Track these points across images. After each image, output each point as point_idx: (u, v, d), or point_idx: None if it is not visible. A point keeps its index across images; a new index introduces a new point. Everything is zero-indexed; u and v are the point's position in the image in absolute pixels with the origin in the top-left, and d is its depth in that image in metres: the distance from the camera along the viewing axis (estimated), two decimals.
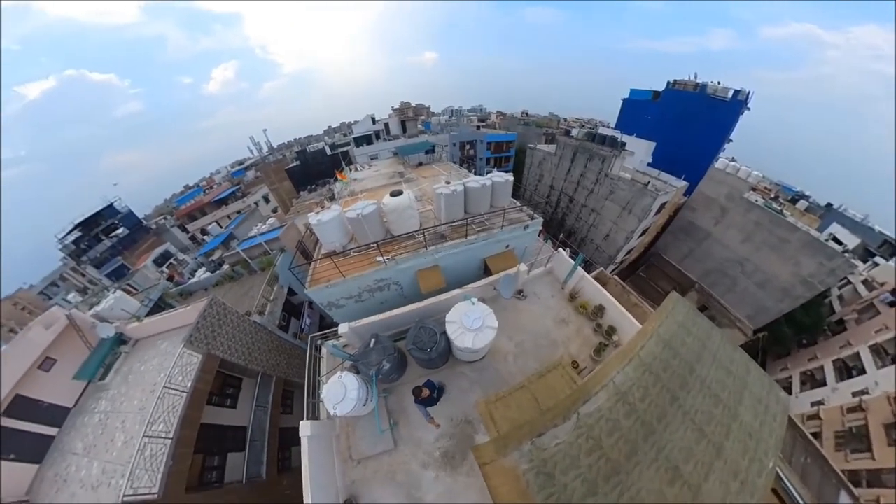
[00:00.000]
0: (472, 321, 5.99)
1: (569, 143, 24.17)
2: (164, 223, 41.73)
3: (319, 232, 8.51)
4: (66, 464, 10.02)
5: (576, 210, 25.20)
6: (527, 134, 43.17)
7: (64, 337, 11.38)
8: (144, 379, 11.01)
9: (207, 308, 10.80)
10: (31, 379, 10.46)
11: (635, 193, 19.56)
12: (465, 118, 54.20)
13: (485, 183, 9.28)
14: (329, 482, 5.63)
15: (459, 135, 38.01)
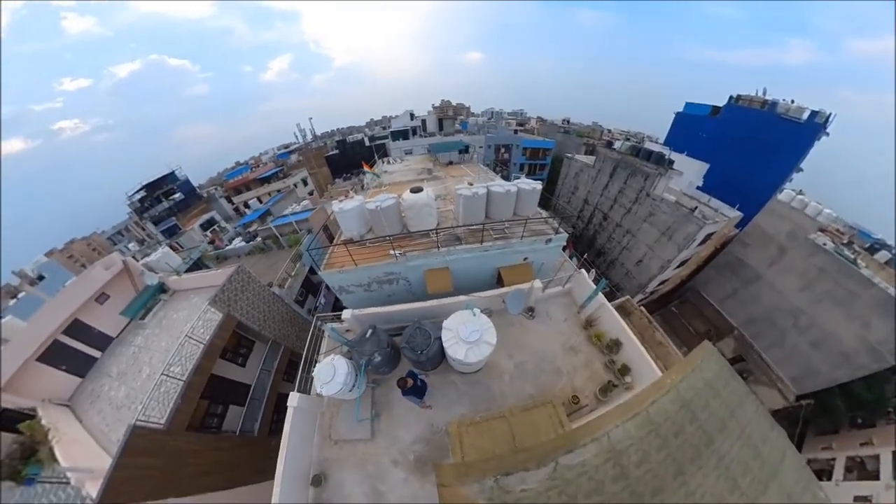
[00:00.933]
0: (470, 333, 5.65)
1: (609, 156, 22.41)
2: (213, 193, 46.25)
3: (340, 219, 8.59)
4: (102, 383, 11.55)
5: (609, 229, 23.39)
6: (566, 143, 41.24)
7: (118, 278, 13.02)
8: (174, 326, 12.15)
9: (234, 274, 11.47)
10: (88, 308, 12.20)
11: (678, 219, 17.61)
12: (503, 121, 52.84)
13: (509, 189, 8.75)
14: (305, 453, 5.83)
15: (495, 137, 37.14)
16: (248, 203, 40.33)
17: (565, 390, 6.34)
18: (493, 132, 39.02)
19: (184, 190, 44.08)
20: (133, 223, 47.17)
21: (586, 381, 6.58)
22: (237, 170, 55.08)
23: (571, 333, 7.46)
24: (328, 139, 68.68)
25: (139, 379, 10.80)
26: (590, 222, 25.48)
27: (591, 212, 25.21)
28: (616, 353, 6.81)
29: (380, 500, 5.38)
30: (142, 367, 11.23)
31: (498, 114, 60.77)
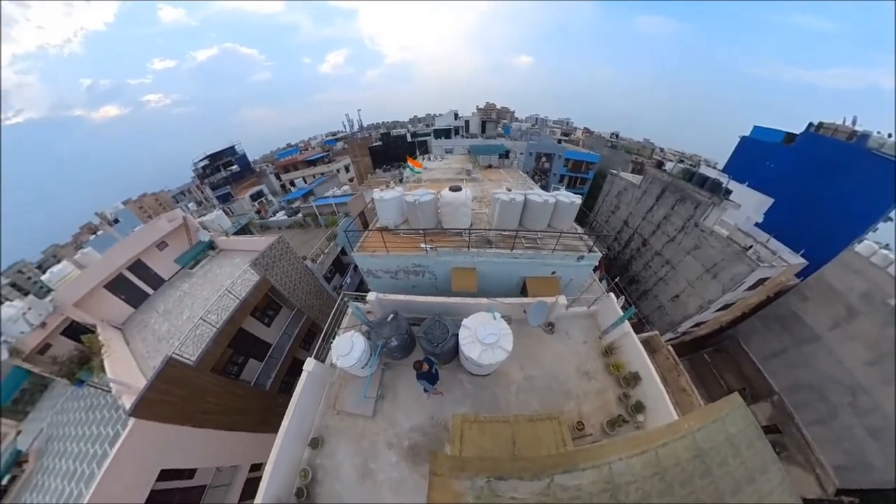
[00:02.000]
0: (487, 335, 5.72)
1: (658, 178, 20.78)
2: (265, 169, 50.93)
3: (379, 207, 8.99)
4: (149, 316, 13.39)
5: (646, 256, 21.92)
6: (612, 158, 39.03)
7: (177, 231, 14.97)
8: (216, 279, 13.56)
9: (274, 243, 12.49)
10: (150, 252, 14.25)
11: (728, 256, 15.91)
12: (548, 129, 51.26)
13: (547, 199, 8.63)
14: (309, 416, 6.25)
15: (538, 144, 36.15)
16: (293, 182, 43.45)
17: (571, 414, 6.18)
18: (535, 139, 37.98)
19: (240, 163, 49.44)
20: (195, 186, 54.18)
21: (595, 409, 6.35)
22: (288, 151, 59.59)
23: (589, 357, 7.22)
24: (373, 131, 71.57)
25: (180, 319, 12.19)
26: (627, 246, 24.13)
27: (629, 235, 23.87)
28: (632, 388, 6.49)
29: (368, 477, 5.61)
30: (184, 309, 12.69)
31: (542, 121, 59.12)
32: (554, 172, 36.04)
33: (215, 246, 15.64)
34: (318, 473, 5.76)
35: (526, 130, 44.84)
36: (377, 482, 5.57)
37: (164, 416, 8.32)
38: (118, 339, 12.14)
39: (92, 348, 11.56)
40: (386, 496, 5.44)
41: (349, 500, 5.45)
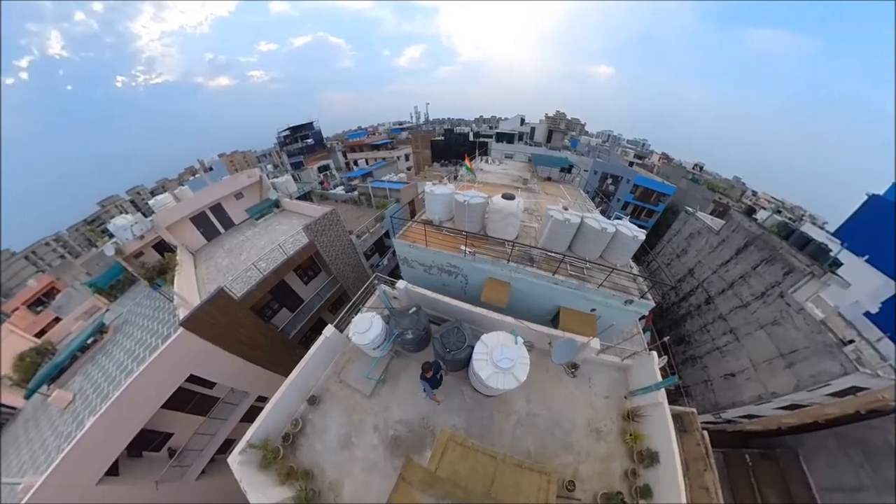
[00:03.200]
0: (502, 358, 5.40)
1: (745, 227, 17.41)
2: (334, 146, 55.77)
3: (428, 200, 9.06)
4: (216, 251, 15.59)
5: (707, 317, 18.85)
6: (690, 193, 34.51)
7: (253, 186, 17.37)
8: (273, 233, 15.16)
9: (328, 214, 13.59)
10: (228, 199, 16.70)
11: (815, 346, 12.54)
12: (619, 148, 47.18)
13: (606, 228, 7.84)
14: (313, 375, 6.63)
15: (605, 164, 33.18)
16: (356, 161, 46.74)
17: (565, 470, 5.53)
18: (603, 158, 35.18)
19: (315, 138, 56.20)
20: (275, 152, 62.23)
21: (594, 475, 5.58)
22: (357, 133, 64.65)
23: (605, 415, 6.41)
24: (437, 126, 73.58)
25: (238, 259, 13.89)
26: (685, 298, 21.20)
27: (692, 287, 20.94)
28: (645, 468, 5.52)
29: (347, 448, 5.81)
30: (243, 252, 14.47)
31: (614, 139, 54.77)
32: (618, 198, 32.74)
33: (279, 205, 17.63)
34: (307, 427, 6.10)
35: (595, 147, 41.90)
36: (353, 456, 5.74)
37: (204, 333, 9.57)
38: (189, 262, 14.21)
39: (169, 264, 13.76)
40: (356, 472, 5.57)
41: (325, 461, 5.70)
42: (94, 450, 8.50)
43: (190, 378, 10.18)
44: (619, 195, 32.82)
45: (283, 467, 5.51)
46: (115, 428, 8.80)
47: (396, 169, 35.15)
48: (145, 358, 9.82)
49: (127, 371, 10.46)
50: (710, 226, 20.88)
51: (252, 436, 5.53)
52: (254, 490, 4.91)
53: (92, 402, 10.45)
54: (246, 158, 64.12)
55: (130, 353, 11.34)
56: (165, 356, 9.11)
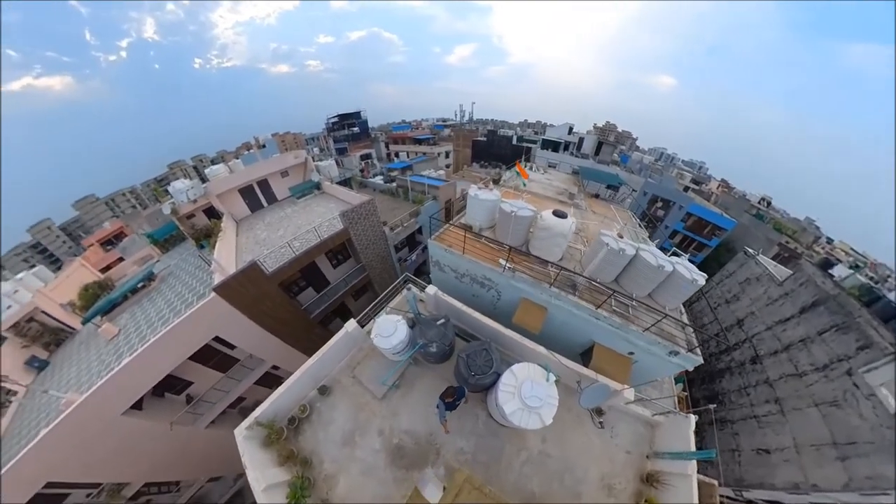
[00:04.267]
0: (531, 396, 4.83)
1: (816, 282, 14.69)
2: (378, 136, 57.71)
3: (471, 204, 8.56)
4: (258, 222, 16.33)
5: (749, 378, 16.15)
6: (751, 231, 30.08)
7: (298, 167, 18.07)
8: (311, 214, 15.42)
9: (366, 203, 13.61)
10: (274, 176, 17.57)
11: (882, 444, 9.85)
12: (674, 169, 42.55)
13: (663, 265, 6.90)
14: (328, 365, 6.49)
15: (657, 186, 29.47)
16: (398, 153, 47.27)
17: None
18: (656, 179, 31.45)
19: (361, 127, 58.03)
20: (322, 136, 65.99)
21: None
22: (401, 126, 66.49)
23: (622, 472, 5.64)
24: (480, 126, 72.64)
25: (275, 234, 14.31)
26: (727, 351, 18.77)
27: (738, 340, 18.45)
28: None
29: (349, 445, 5.62)
30: (281, 227, 14.89)
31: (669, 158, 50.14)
32: (666, 224, 29.01)
33: (320, 187, 18.14)
34: (313, 415, 6.00)
35: (647, 165, 37.87)
36: (353, 455, 5.53)
37: (233, 300, 9.94)
38: (232, 230, 14.97)
39: (215, 229, 14.70)
40: (353, 471, 5.36)
41: (325, 453, 5.56)
42: (127, 384, 9.16)
43: (215, 338, 10.65)
44: (668, 222, 29.08)
45: (284, 449, 5.43)
46: (147, 369, 9.41)
47: (436, 165, 34.94)
48: (181, 312, 10.52)
49: (164, 320, 11.20)
50: (772, 273, 18.02)
51: (261, 413, 5.53)
52: (253, 466, 4.88)
53: (132, 340, 11.28)
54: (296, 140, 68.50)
55: (170, 304, 12.15)
56: (197, 315, 9.56)
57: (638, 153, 45.20)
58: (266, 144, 53.72)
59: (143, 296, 13.84)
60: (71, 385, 10.88)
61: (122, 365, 8.93)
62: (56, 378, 12.27)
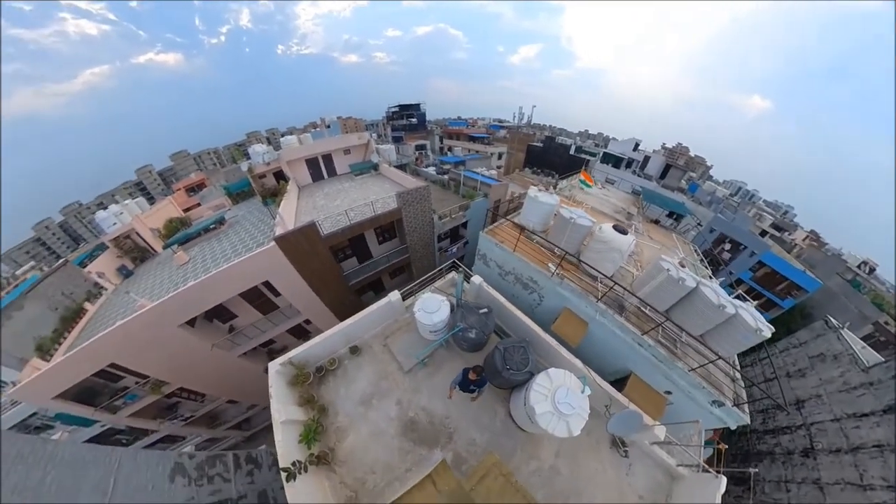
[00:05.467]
0: (564, 403, 4.54)
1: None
2: (434, 130, 58.67)
3: (528, 205, 8.36)
4: (316, 191, 17.59)
5: (796, 472, 13.22)
6: (840, 299, 24.08)
7: (360, 146, 19.24)
8: (366, 191, 16.17)
9: (421, 188, 14.01)
10: (338, 153, 18.83)
11: None
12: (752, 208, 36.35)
13: (725, 306, 6.09)
14: (364, 328, 6.68)
15: (728, 224, 24.75)
16: (451, 148, 47.51)
17: None
18: (727, 215, 26.86)
19: (419, 119, 59.59)
20: (382, 123, 69.10)
21: None
22: (457, 122, 66.78)
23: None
24: (538, 130, 70.57)
25: (332, 204, 15.21)
26: (774, 433, 16.09)
27: (792, 423, 15.75)
28: None
29: (364, 406, 5.71)
30: (337, 199, 15.83)
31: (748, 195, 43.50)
32: (731, 270, 24.23)
33: (377, 168, 19.11)
34: (339, 370, 6.19)
35: (719, 198, 31.97)
36: (367, 416, 5.60)
37: (288, 252, 10.77)
38: (294, 194, 16.28)
39: (281, 190, 16.28)
40: (363, 431, 5.42)
41: (341, 407, 5.71)
42: (187, 302, 10.36)
43: (265, 282, 11.61)
44: (735, 267, 24.22)
45: (306, 392, 5.69)
46: (205, 294, 10.54)
47: (488, 165, 34.46)
48: (242, 254, 11.65)
49: (227, 258, 12.53)
50: (857, 355, 14.70)
51: (295, 355, 5.85)
52: (277, 398, 5.18)
53: (198, 269, 12.75)
54: (357, 125, 72.98)
55: (233, 246, 13.55)
56: (255, 259, 10.52)
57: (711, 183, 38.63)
58: (331, 125, 57.38)
59: (212, 236, 15.66)
60: (145, 293, 12.57)
61: (187, 287, 10.15)
62: (136, 286, 14.31)
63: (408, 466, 5.06)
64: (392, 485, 4.86)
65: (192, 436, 16.09)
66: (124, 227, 16.64)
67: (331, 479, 4.88)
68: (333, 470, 4.98)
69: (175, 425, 14.71)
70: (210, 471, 5.50)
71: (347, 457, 5.14)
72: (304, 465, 4.59)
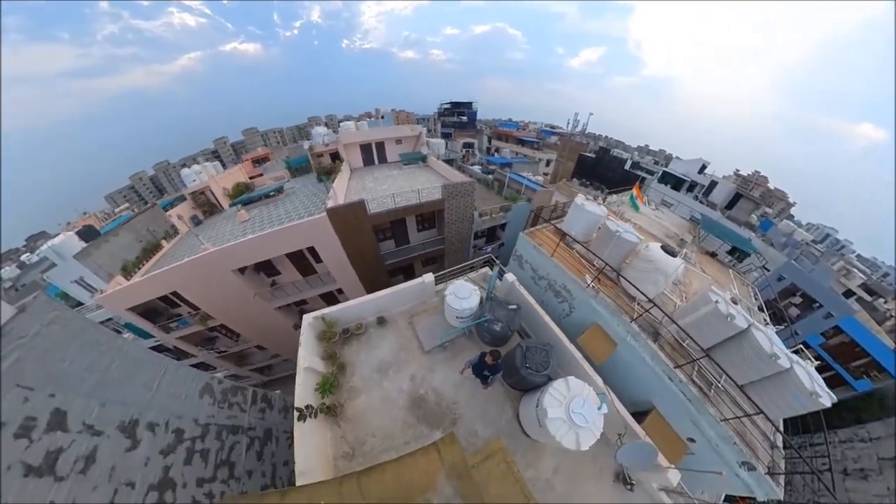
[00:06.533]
0: (578, 414, 4.36)
1: None
2: (482, 129, 58.35)
3: (573, 213, 8.08)
4: (366, 174, 18.63)
5: None
6: None
7: (412, 138, 20.20)
8: (412, 181, 16.73)
9: (467, 183, 14.15)
10: (390, 142, 19.95)
11: None
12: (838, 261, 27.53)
13: (778, 357, 5.32)
14: (393, 303, 6.97)
15: (801, 273, 19.20)
16: (498, 149, 46.69)
17: None
18: (804, 264, 21.53)
19: (469, 117, 60.05)
20: (432, 119, 70.26)
21: None
22: (507, 123, 65.12)
23: None
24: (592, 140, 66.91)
25: (379, 187, 15.99)
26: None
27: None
28: None
29: (379, 373, 5.93)
30: (384, 183, 16.59)
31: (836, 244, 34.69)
32: (797, 330, 18.60)
33: (426, 160, 19.63)
34: (364, 336, 6.53)
35: (797, 242, 25.28)
36: (381, 384, 5.82)
37: (336, 224, 11.63)
38: (346, 174, 17.52)
39: (336, 168, 17.66)
40: (374, 396, 5.65)
41: (359, 369, 6.01)
42: (243, 252, 11.65)
43: (310, 248, 12.62)
44: (802, 327, 18.87)
45: (330, 348, 6.08)
46: (258, 248, 11.72)
47: (535, 170, 33.13)
48: (294, 220, 12.77)
49: (280, 221, 13.94)
50: None
51: (329, 312, 6.28)
52: (305, 346, 5.64)
53: (255, 227, 14.39)
54: (408, 118, 75.22)
55: (287, 213, 15.02)
56: (306, 225, 11.50)
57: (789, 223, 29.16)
58: (384, 116, 60.08)
59: (270, 202, 17.60)
60: (210, 240, 14.35)
61: (245, 239, 11.48)
62: (203, 233, 16.40)
63: (407, 440, 5.18)
64: (388, 452, 5.02)
65: (222, 368, 18.05)
66: (201, 184, 19.59)
67: (334, 431, 5.17)
68: (338, 424, 5.26)
69: (210, 355, 16.65)
70: (232, 398, 6.17)
71: (354, 416, 5.40)
72: (315, 411, 4.93)
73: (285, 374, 20.63)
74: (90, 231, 17.22)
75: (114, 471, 3.79)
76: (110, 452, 3.83)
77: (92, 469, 3.59)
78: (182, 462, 4.72)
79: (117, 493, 3.72)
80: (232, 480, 5.45)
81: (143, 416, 4.43)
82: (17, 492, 2.94)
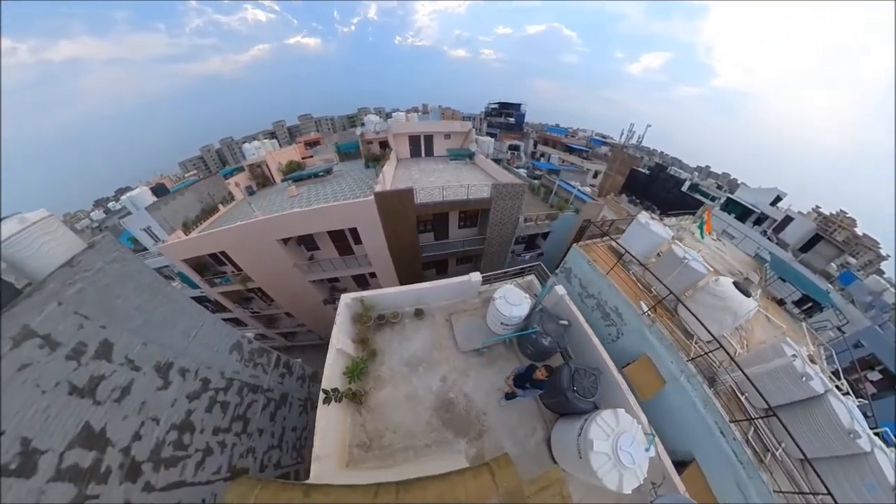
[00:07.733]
0: (626, 452, 3.92)
1: None
2: (529, 132, 55.72)
3: (634, 231, 7.43)
4: (413, 165, 18.99)
5: None
6: None
7: (460, 134, 20.22)
8: (458, 176, 16.51)
9: (516, 184, 13.57)
10: (438, 136, 20.04)
11: None
12: None
13: (857, 436, 4.52)
14: (434, 297, 6.79)
15: (885, 343, 15.62)
16: (543, 154, 44.78)
17: None
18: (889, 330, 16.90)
19: (517, 119, 58.08)
20: (479, 118, 68.19)
21: None
22: (556, 129, 62.59)
23: None
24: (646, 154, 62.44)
25: (426, 179, 15.95)
26: None
27: None
28: None
29: (409, 367, 5.79)
30: (431, 176, 16.56)
31: None
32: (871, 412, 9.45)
33: (473, 157, 19.30)
34: (398, 326, 6.40)
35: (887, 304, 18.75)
36: (409, 378, 5.64)
37: (381, 208, 11.78)
38: (393, 163, 17.69)
39: (384, 156, 17.91)
40: (401, 390, 5.49)
41: (389, 359, 5.90)
42: (287, 224, 12.20)
43: (352, 229, 12.92)
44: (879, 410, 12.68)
45: (363, 332, 6.02)
46: (303, 222, 12.21)
47: (583, 181, 31.40)
48: (339, 200, 13.17)
49: (327, 200, 14.49)
50: None
51: (368, 296, 6.22)
52: (339, 326, 5.60)
53: (302, 202, 15.05)
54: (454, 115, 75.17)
55: (333, 193, 15.55)
56: (351, 206, 11.79)
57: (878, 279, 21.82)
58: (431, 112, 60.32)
59: (319, 181, 18.53)
60: (261, 209, 15.44)
61: (292, 212, 12.06)
62: (256, 202, 17.74)
63: (427, 442, 4.96)
64: (406, 451, 4.82)
65: (252, 327, 19.41)
66: (259, 158, 21.23)
67: (354, 418, 5.06)
68: (360, 412, 5.15)
69: (245, 313, 17.99)
70: (257, 359, 6.45)
71: (377, 406, 5.27)
72: (340, 396, 4.85)
73: (307, 343, 21.59)
74: (162, 189, 19.01)
75: (144, 405, 4.00)
76: (144, 388, 4.06)
77: (126, 400, 3.81)
78: (204, 409, 4.93)
79: (143, 426, 3.93)
80: (244, 435, 5.63)
81: (178, 360, 4.67)
82: (59, 406, 3.14)
